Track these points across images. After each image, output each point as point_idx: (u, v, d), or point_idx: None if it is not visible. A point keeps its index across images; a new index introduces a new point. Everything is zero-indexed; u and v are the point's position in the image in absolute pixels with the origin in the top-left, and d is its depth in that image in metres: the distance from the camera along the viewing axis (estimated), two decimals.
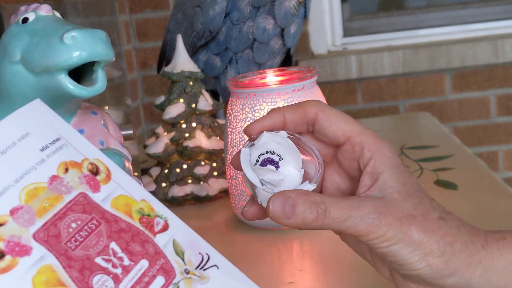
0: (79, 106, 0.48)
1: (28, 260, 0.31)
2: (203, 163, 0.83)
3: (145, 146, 0.86)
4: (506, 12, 1.69)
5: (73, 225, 0.33)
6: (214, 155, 0.83)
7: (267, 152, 0.41)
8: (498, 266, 0.38)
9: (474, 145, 1.67)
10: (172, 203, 0.82)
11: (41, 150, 0.35)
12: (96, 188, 0.36)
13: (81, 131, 0.47)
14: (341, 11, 1.70)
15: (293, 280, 0.56)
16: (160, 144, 0.82)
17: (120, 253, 0.34)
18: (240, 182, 0.69)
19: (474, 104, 1.65)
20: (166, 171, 0.83)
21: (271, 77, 0.71)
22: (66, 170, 0.35)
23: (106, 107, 0.77)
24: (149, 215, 0.37)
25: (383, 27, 1.72)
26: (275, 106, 0.66)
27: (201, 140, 0.82)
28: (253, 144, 0.41)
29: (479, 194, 0.73)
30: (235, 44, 0.96)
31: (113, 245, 0.34)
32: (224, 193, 0.83)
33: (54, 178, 0.34)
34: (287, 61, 1.05)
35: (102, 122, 0.49)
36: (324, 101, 0.69)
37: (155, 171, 0.86)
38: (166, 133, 0.84)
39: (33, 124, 0.36)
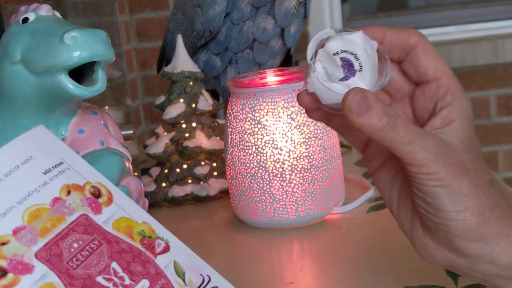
0: (79, 106, 0.48)
1: (30, 278, 0.32)
2: (203, 163, 0.83)
3: (145, 146, 0.86)
4: (506, 12, 1.69)
5: (75, 245, 0.34)
6: (214, 155, 0.83)
7: (352, 54, 0.39)
8: None
9: None
10: (172, 203, 0.82)
11: (44, 173, 0.36)
12: (98, 210, 0.37)
13: (81, 131, 0.47)
14: (341, 11, 1.70)
15: (293, 280, 0.56)
16: (160, 144, 0.83)
17: (121, 273, 0.34)
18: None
19: (474, 104, 1.65)
20: (166, 171, 0.83)
21: (271, 77, 0.71)
22: (69, 192, 0.36)
23: (106, 107, 0.77)
24: (150, 237, 0.38)
25: None
26: (275, 106, 0.66)
27: (201, 140, 0.82)
28: (342, 33, 0.39)
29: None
30: (235, 44, 0.96)
31: (114, 265, 0.35)
32: (224, 193, 0.83)
33: (56, 200, 0.36)
34: (287, 61, 1.05)
35: (102, 122, 0.49)
36: None
37: (155, 171, 0.86)
38: (166, 133, 0.84)
39: (37, 148, 0.37)
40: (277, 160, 0.66)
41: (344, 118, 0.38)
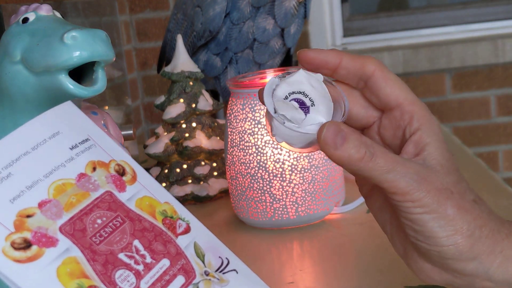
0: (79, 106, 0.48)
1: (54, 251, 0.32)
2: (203, 163, 0.83)
3: (145, 146, 0.86)
4: (506, 12, 1.69)
5: (99, 221, 0.34)
6: (214, 155, 0.83)
7: (300, 92, 0.39)
8: None
9: (474, 145, 1.67)
10: None
11: (70, 148, 0.36)
12: (122, 188, 0.37)
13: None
14: (341, 11, 1.70)
15: (293, 280, 0.56)
16: (160, 144, 0.83)
17: (143, 251, 0.35)
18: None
19: (474, 104, 1.65)
20: (166, 171, 0.83)
21: (271, 77, 0.71)
22: (94, 169, 0.36)
23: (106, 107, 0.77)
24: (172, 217, 0.38)
25: (383, 27, 1.72)
26: None
27: (201, 140, 0.82)
28: (284, 77, 0.39)
29: (479, 194, 0.73)
30: (235, 44, 0.96)
31: (136, 242, 0.35)
32: (224, 193, 0.83)
33: (82, 175, 0.36)
34: (287, 61, 1.05)
35: (102, 122, 0.49)
36: None
37: (155, 171, 0.86)
38: (166, 133, 0.84)
39: (64, 124, 0.37)
40: (277, 160, 0.66)
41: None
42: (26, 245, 0.31)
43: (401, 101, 0.39)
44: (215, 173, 0.83)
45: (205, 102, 0.83)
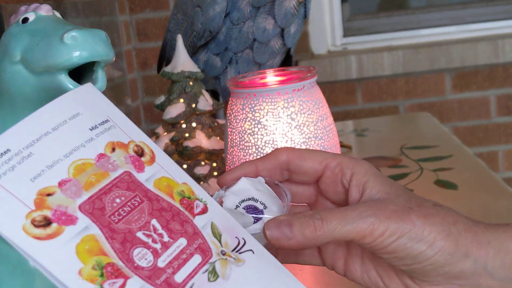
0: None
1: (73, 229, 0.32)
2: (203, 163, 0.83)
3: None
4: (506, 12, 1.69)
5: (117, 200, 0.35)
6: (214, 155, 0.83)
7: (249, 199, 0.41)
8: (509, 247, 0.38)
9: (474, 145, 1.67)
10: None
11: (90, 129, 0.37)
12: (140, 168, 0.37)
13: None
14: (341, 11, 1.70)
15: None
16: (160, 144, 0.83)
17: (160, 230, 0.35)
18: None
19: (474, 104, 1.65)
20: None
21: (271, 77, 0.71)
22: (113, 149, 0.37)
23: None
24: (189, 198, 0.38)
25: (383, 27, 1.72)
26: (275, 106, 0.66)
27: (201, 140, 0.82)
28: (229, 188, 0.41)
29: (479, 194, 0.73)
30: (235, 44, 0.96)
31: (154, 222, 0.35)
32: None
33: (101, 156, 0.36)
34: (287, 61, 1.05)
35: None
36: (324, 101, 0.69)
37: None
38: (166, 133, 0.84)
39: (84, 105, 0.38)
40: None
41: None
42: (46, 222, 0.32)
43: (325, 162, 0.42)
44: (215, 173, 0.83)
45: (205, 102, 0.83)
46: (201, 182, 0.82)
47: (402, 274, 0.40)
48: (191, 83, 0.83)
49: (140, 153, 0.38)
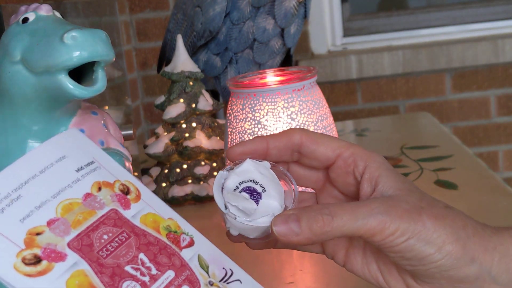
0: (79, 106, 0.48)
1: (62, 265, 0.34)
2: (203, 163, 0.83)
3: (145, 146, 0.86)
4: (506, 12, 1.69)
5: (105, 236, 0.36)
6: (214, 155, 0.83)
7: (250, 180, 0.40)
8: None
9: (474, 145, 1.67)
10: (172, 203, 0.82)
11: (76, 171, 0.39)
12: (126, 205, 0.39)
13: (81, 131, 0.47)
14: (341, 11, 1.70)
15: (293, 280, 0.56)
16: (160, 144, 0.82)
17: (148, 263, 0.36)
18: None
19: (474, 104, 1.65)
20: (166, 171, 0.83)
21: (271, 77, 0.71)
22: (99, 189, 0.39)
23: (106, 107, 0.77)
24: (175, 232, 0.40)
25: (383, 27, 1.72)
26: (275, 106, 0.66)
27: (201, 140, 0.82)
28: (232, 169, 0.41)
29: (479, 194, 0.73)
30: (235, 44, 0.96)
31: (141, 255, 0.37)
32: None
33: (88, 195, 0.38)
34: (287, 61, 1.05)
35: (102, 122, 0.49)
36: (324, 101, 0.69)
37: (155, 171, 0.86)
38: (166, 133, 0.84)
39: (70, 148, 0.40)
40: None
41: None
42: (36, 260, 0.33)
43: (339, 150, 0.41)
44: (215, 173, 0.83)
45: (205, 102, 0.83)
46: (201, 182, 0.82)
47: (405, 272, 0.39)
48: (191, 83, 0.83)
49: (125, 191, 0.40)
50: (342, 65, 1.59)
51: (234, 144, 0.44)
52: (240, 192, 0.40)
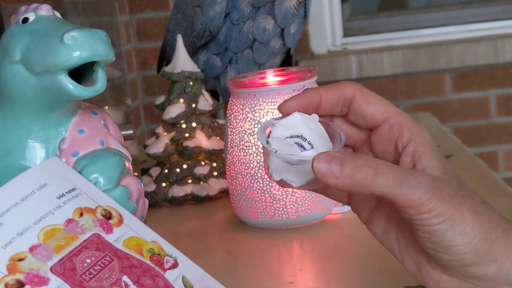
0: (79, 106, 0.48)
1: None
2: (203, 163, 0.83)
3: (145, 146, 0.86)
4: (506, 12, 1.69)
5: (88, 260, 0.37)
6: (214, 155, 0.83)
7: (298, 136, 0.38)
8: None
9: (474, 145, 1.67)
10: (172, 203, 0.82)
11: (58, 197, 0.39)
12: (109, 230, 0.39)
13: (81, 131, 0.47)
14: (341, 11, 1.70)
15: (293, 280, 0.56)
16: (160, 144, 0.83)
17: (132, 285, 0.37)
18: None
19: (474, 104, 1.65)
20: (166, 171, 0.83)
21: (271, 77, 0.71)
22: (81, 214, 0.39)
23: (106, 107, 0.77)
24: (159, 254, 0.40)
25: (383, 27, 1.72)
26: (275, 106, 0.66)
27: (201, 140, 0.82)
28: (280, 119, 0.39)
29: (479, 194, 0.73)
30: (235, 44, 0.96)
31: (125, 278, 0.37)
32: (224, 193, 0.83)
33: (70, 221, 0.38)
34: (287, 61, 1.05)
35: (102, 122, 0.49)
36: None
37: (155, 171, 0.86)
38: (166, 133, 0.84)
39: (51, 176, 0.40)
40: None
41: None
42: (19, 285, 0.34)
43: (387, 115, 0.39)
44: (215, 173, 0.83)
45: (205, 102, 0.83)
46: (201, 182, 0.82)
47: (421, 252, 0.38)
48: (191, 83, 0.83)
49: (108, 216, 0.40)
50: (342, 65, 1.59)
51: (287, 99, 0.41)
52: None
